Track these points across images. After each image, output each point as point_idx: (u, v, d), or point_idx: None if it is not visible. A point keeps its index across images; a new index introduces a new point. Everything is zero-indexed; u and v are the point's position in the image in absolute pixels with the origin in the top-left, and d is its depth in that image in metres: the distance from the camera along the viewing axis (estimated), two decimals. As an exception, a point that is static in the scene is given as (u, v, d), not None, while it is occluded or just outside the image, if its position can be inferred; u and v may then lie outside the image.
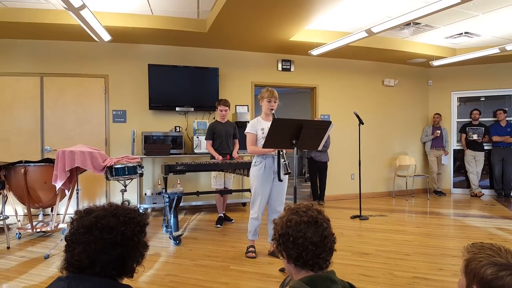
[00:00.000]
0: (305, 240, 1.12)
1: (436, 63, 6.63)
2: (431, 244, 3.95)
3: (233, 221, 5.03)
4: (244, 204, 6.13)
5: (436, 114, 7.38)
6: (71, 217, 1.18)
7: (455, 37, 6.02)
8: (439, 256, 3.52)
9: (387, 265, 3.25)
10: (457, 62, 6.62)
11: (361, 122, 5.24)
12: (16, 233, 4.19)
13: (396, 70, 7.30)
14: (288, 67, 6.62)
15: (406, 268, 3.17)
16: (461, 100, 7.66)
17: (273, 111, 3.37)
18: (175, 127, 5.86)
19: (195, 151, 5.67)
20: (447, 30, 5.69)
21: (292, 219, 1.15)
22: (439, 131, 7.24)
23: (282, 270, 3.11)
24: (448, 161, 7.54)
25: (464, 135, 7.23)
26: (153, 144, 5.52)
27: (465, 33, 5.78)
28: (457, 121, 7.59)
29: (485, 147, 7.19)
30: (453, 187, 7.61)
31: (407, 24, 5.08)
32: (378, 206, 6.18)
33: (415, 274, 3.03)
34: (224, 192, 4.97)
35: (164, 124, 5.89)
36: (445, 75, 7.53)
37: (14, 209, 4.35)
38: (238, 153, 4.98)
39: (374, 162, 7.06)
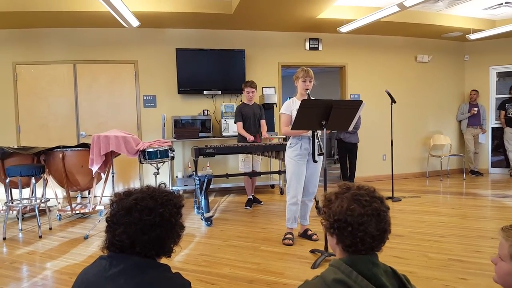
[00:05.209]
0: (365, 235, 1.04)
1: (473, 36, 6.25)
2: (467, 225, 3.82)
3: (262, 203, 5.07)
4: (272, 186, 6.15)
5: (473, 90, 7.00)
6: (111, 199, 1.21)
7: (495, 8, 5.63)
8: (476, 238, 3.40)
9: (421, 247, 3.18)
10: (496, 34, 6.22)
11: (393, 101, 5.07)
12: (57, 215, 4.42)
13: (429, 46, 6.95)
14: (316, 45, 6.45)
15: (441, 250, 3.09)
16: (500, 75, 7.21)
17: (308, 91, 3.27)
18: (203, 110, 5.91)
19: (223, 134, 5.71)
20: (486, 0, 5.32)
21: (355, 209, 1.05)
22: (476, 109, 6.89)
23: (312, 251, 3.12)
24: (486, 140, 7.20)
25: (503, 112, 6.84)
26: (183, 128, 5.60)
27: (506, 2, 5.38)
28: (495, 98, 7.18)
29: (527, 125, 6.79)
30: (491, 167, 7.28)
31: (443, -5, 4.81)
32: (411, 187, 6.02)
33: (451, 256, 2.95)
34: (253, 174, 5.00)
35: (193, 108, 5.95)
36: (482, 49, 7.09)
37: (54, 192, 4.59)
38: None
39: (406, 142, 6.86)
